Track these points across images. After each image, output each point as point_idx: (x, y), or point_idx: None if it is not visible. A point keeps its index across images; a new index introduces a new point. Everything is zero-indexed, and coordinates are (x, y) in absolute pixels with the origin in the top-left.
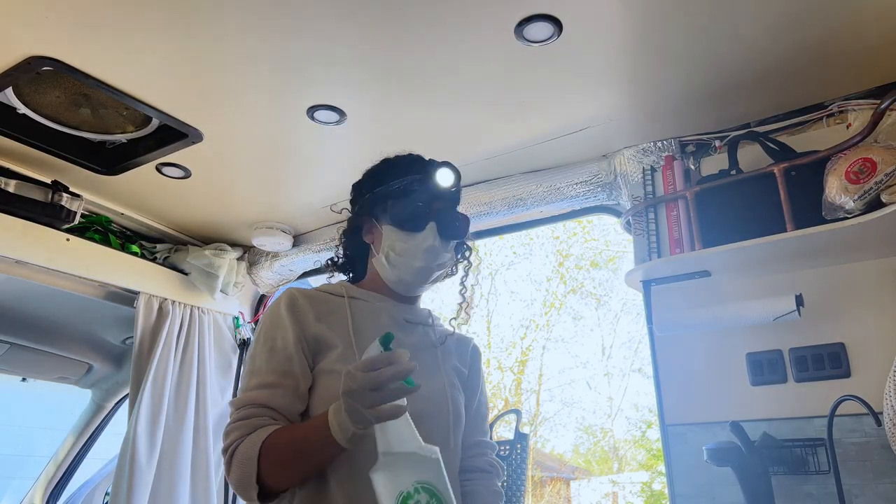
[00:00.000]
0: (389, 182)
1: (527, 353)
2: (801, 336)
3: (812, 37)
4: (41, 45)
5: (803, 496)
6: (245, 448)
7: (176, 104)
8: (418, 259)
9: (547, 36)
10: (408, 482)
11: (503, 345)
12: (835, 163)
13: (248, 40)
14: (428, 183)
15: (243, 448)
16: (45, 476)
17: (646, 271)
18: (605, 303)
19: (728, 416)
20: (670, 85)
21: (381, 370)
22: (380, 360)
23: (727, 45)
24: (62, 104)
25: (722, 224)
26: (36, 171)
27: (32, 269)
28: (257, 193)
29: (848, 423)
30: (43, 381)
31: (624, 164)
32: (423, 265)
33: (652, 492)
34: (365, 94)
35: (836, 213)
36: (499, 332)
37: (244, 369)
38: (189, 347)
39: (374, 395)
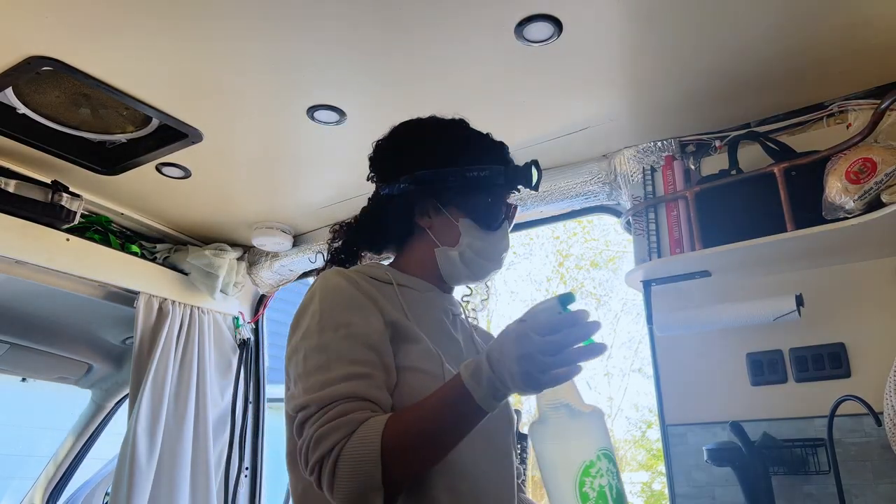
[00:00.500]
0: (469, 164)
1: None
2: (802, 336)
3: (812, 37)
4: (41, 45)
5: (803, 496)
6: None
7: (176, 104)
8: (495, 261)
9: (547, 36)
10: (590, 450)
11: None
12: (835, 163)
13: (248, 40)
14: (517, 180)
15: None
16: (44, 476)
17: (646, 271)
18: (605, 303)
19: (728, 417)
20: (670, 85)
21: (563, 333)
22: (562, 323)
23: (728, 45)
24: (62, 104)
25: (722, 224)
26: (36, 171)
27: (32, 269)
28: (257, 193)
29: (848, 423)
30: (43, 382)
31: (624, 163)
32: (496, 268)
33: (652, 492)
34: (365, 95)
35: (837, 213)
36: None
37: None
38: (189, 347)
39: (552, 359)
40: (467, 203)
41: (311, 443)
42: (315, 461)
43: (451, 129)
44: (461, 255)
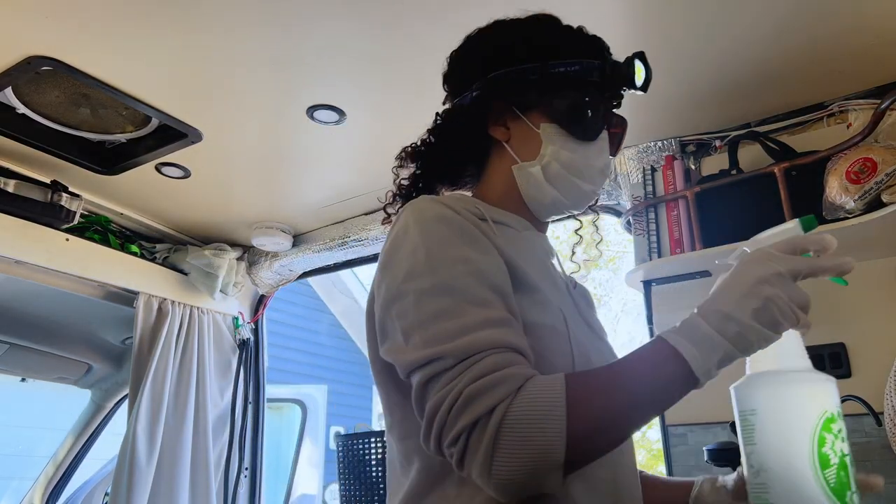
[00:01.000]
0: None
1: None
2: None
3: (812, 37)
4: (40, 45)
5: None
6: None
7: (175, 104)
8: (589, 181)
9: None
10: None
11: None
12: (835, 162)
13: (247, 40)
14: (618, 78)
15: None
16: (44, 476)
17: (646, 271)
18: (605, 303)
19: (728, 417)
20: (671, 84)
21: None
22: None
23: (728, 45)
24: (62, 104)
25: (722, 224)
26: (35, 170)
27: (32, 269)
28: (257, 193)
29: (848, 424)
30: (42, 382)
31: (624, 163)
32: (592, 189)
33: None
34: (365, 94)
35: (837, 212)
36: None
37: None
38: (189, 347)
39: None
40: (552, 105)
41: (454, 404)
42: (462, 428)
43: (533, 21)
44: (544, 170)
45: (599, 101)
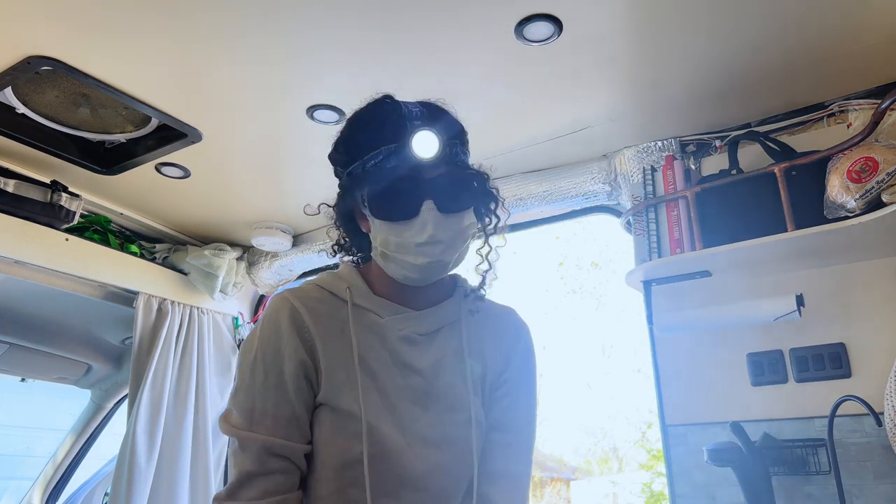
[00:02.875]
0: (362, 156)
1: None
2: (802, 336)
3: (812, 36)
4: (40, 45)
5: (804, 497)
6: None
7: (175, 104)
8: (419, 255)
9: (547, 35)
10: None
11: None
12: (836, 162)
13: (247, 40)
14: (406, 153)
15: None
16: (43, 476)
17: (646, 271)
18: (605, 303)
19: (728, 417)
20: (671, 84)
21: None
22: None
23: (728, 45)
24: (61, 104)
25: (722, 224)
26: (35, 170)
27: (31, 269)
28: (257, 193)
29: (848, 424)
30: (42, 382)
31: (624, 163)
32: (427, 260)
33: (652, 492)
34: (364, 95)
35: (838, 211)
36: None
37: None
38: (188, 348)
39: None
40: (370, 200)
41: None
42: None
43: (355, 120)
44: (382, 257)
45: (403, 181)
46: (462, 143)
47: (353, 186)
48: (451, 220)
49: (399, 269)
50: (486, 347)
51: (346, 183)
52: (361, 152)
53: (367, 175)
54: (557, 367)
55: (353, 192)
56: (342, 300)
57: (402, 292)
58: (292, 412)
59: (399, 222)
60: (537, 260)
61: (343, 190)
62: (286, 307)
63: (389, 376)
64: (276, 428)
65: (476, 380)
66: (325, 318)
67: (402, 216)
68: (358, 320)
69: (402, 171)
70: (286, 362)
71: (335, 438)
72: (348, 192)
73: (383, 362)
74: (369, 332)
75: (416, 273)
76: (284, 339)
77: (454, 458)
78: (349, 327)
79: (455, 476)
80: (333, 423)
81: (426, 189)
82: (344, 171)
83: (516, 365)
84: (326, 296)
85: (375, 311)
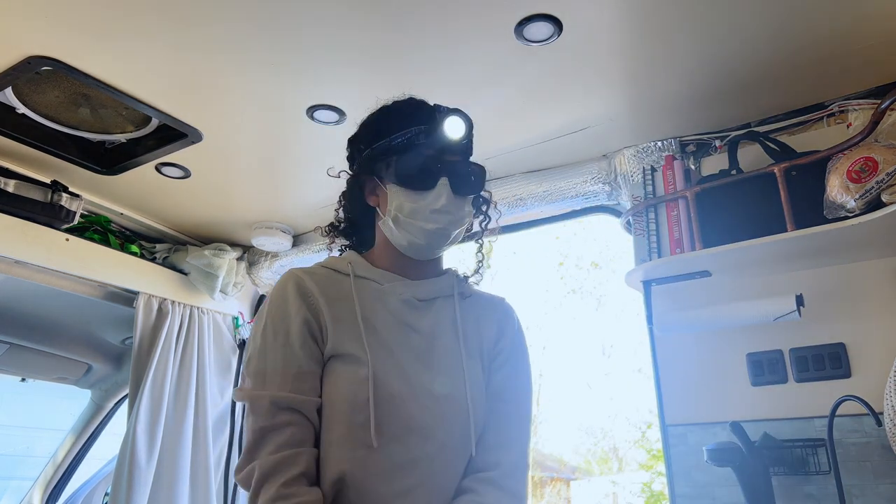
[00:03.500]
0: (391, 135)
1: None
2: (802, 336)
3: (812, 36)
4: (40, 45)
5: (804, 496)
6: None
7: (175, 104)
8: (430, 220)
9: (547, 36)
10: None
11: None
12: (836, 162)
13: (248, 40)
14: (436, 134)
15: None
16: (43, 477)
17: (646, 271)
18: (604, 303)
19: (728, 417)
20: (670, 84)
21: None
22: None
23: (727, 45)
24: (61, 104)
25: (722, 224)
26: (35, 170)
27: (32, 269)
28: (257, 193)
29: (848, 424)
30: (42, 382)
31: (624, 163)
32: (436, 227)
33: (652, 492)
34: (364, 94)
35: (838, 211)
36: None
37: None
38: (188, 347)
39: None
40: (397, 169)
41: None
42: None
43: (389, 107)
44: (394, 220)
45: (427, 157)
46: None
47: (375, 159)
48: (458, 202)
49: (406, 235)
50: (481, 324)
51: (366, 157)
52: (391, 131)
53: (395, 148)
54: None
55: (373, 164)
56: (345, 274)
57: (401, 265)
58: (299, 367)
59: (417, 191)
60: (537, 260)
61: (361, 165)
62: (292, 278)
63: (392, 334)
64: (284, 383)
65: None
66: (329, 287)
67: (421, 186)
68: (360, 287)
69: (427, 149)
70: (292, 324)
71: (344, 384)
72: (367, 165)
73: (386, 322)
74: (371, 298)
75: (422, 238)
76: (290, 303)
77: (456, 413)
78: (352, 293)
79: (458, 429)
80: (343, 371)
81: (445, 168)
82: (367, 147)
83: (509, 336)
84: (330, 272)
85: (375, 279)
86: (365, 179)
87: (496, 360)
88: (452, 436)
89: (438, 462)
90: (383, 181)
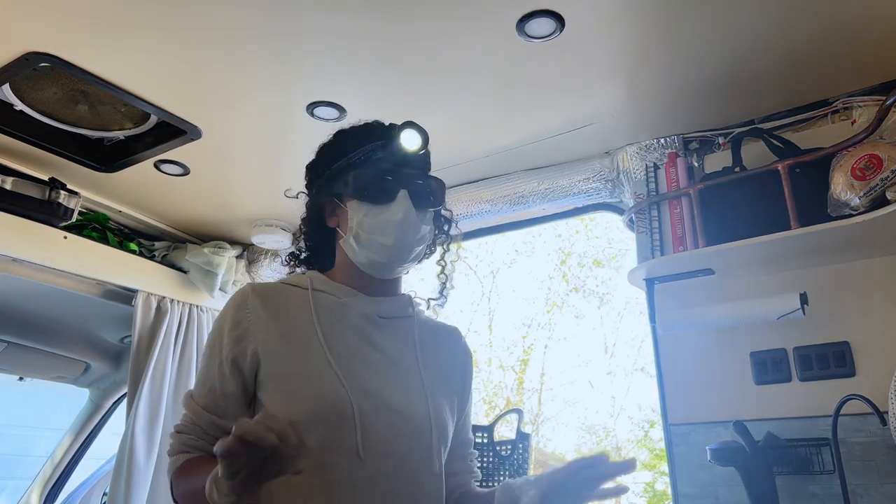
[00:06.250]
0: (349, 154)
1: (528, 352)
2: (806, 335)
3: (817, 33)
4: (38, 41)
5: (808, 496)
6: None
7: (174, 101)
8: (391, 234)
9: (549, 32)
10: None
11: (504, 344)
12: (840, 159)
13: (247, 36)
14: (393, 147)
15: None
16: (42, 476)
17: (649, 269)
18: (607, 301)
19: (732, 416)
20: (673, 81)
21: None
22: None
23: (731, 42)
24: (59, 101)
25: (726, 222)
26: (33, 168)
27: (29, 267)
28: (256, 191)
29: (852, 423)
30: (40, 381)
31: (627, 161)
32: (397, 241)
33: (655, 492)
34: (365, 91)
35: (842, 209)
36: (500, 331)
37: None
38: (188, 346)
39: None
40: (355, 185)
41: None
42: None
43: (343, 131)
44: (355, 237)
45: (385, 170)
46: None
47: (333, 179)
48: (419, 216)
49: (366, 252)
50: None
51: (325, 179)
52: (348, 150)
53: (353, 165)
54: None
55: (332, 185)
56: (303, 288)
57: (360, 282)
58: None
59: (377, 205)
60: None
61: (319, 187)
62: (238, 295)
63: (351, 349)
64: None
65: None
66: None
67: (381, 199)
68: (317, 301)
69: (385, 163)
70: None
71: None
72: (325, 187)
73: (344, 337)
74: (328, 312)
75: (383, 255)
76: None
77: (418, 430)
78: (309, 306)
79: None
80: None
81: (404, 180)
82: (326, 169)
83: (469, 387)
84: (287, 288)
85: (334, 293)
86: (324, 202)
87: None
88: (414, 453)
89: (398, 480)
90: (343, 200)
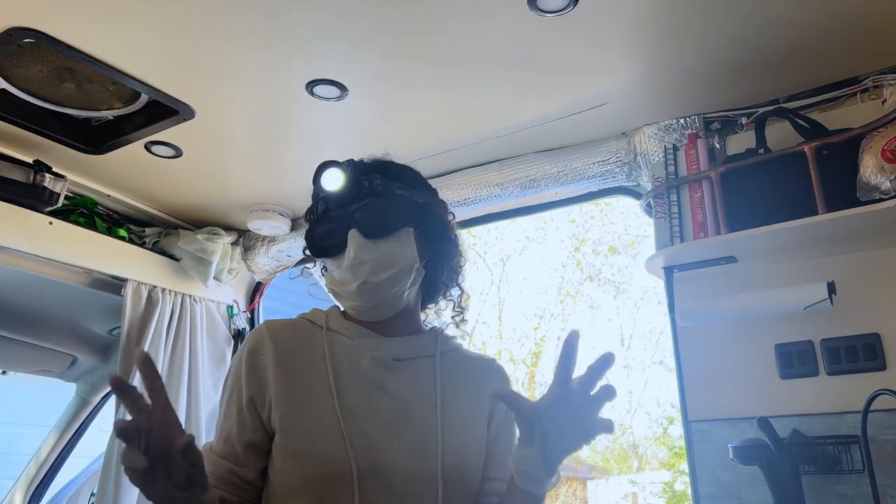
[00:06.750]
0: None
1: (541, 344)
2: (834, 326)
3: (845, 7)
4: (23, 16)
5: (836, 497)
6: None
7: (166, 79)
8: (352, 279)
9: (562, 6)
10: None
11: (516, 335)
12: (870, 140)
13: (243, 10)
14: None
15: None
16: (26, 476)
17: (667, 257)
18: (623, 290)
19: (755, 412)
20: (694, 58)
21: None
22: None
23: (755, 16)
24: (45, 78)
25: (749, 207)
26: (16, 149)
27: (12, 254)
28: (253, 174)
29: (883, 419)
30: (24, 375)
31: (644, 142)
32: (359, 282)
33: (674, 492)
34: (367, 68)
35: (872, 193)
36: (511, 322)
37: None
38: (180, 338)
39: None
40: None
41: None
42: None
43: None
44: (335, 295)
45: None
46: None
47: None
48: (379, 245)
49: (349, 302)
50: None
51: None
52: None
53: (312, 229)
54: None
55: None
56: (319, 327)
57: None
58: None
59: (335, 257)
60: (551, 244)
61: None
62: (254, 339)
63: (360, 398)
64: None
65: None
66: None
67: (335, 250)
68: (332, 342)
69: (330, 212)
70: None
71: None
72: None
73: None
74: (341, 356)
75: (357, 300)
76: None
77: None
78: (324, 349)
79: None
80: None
81: (349, 220)
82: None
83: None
84: (304, 324)
85: (346, 333)
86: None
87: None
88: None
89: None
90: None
